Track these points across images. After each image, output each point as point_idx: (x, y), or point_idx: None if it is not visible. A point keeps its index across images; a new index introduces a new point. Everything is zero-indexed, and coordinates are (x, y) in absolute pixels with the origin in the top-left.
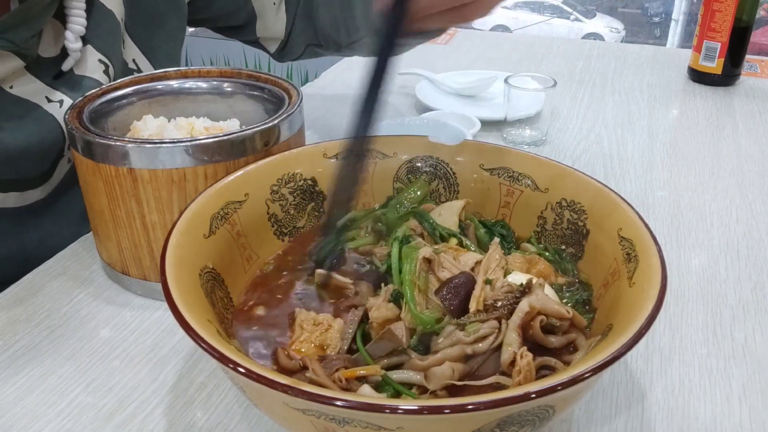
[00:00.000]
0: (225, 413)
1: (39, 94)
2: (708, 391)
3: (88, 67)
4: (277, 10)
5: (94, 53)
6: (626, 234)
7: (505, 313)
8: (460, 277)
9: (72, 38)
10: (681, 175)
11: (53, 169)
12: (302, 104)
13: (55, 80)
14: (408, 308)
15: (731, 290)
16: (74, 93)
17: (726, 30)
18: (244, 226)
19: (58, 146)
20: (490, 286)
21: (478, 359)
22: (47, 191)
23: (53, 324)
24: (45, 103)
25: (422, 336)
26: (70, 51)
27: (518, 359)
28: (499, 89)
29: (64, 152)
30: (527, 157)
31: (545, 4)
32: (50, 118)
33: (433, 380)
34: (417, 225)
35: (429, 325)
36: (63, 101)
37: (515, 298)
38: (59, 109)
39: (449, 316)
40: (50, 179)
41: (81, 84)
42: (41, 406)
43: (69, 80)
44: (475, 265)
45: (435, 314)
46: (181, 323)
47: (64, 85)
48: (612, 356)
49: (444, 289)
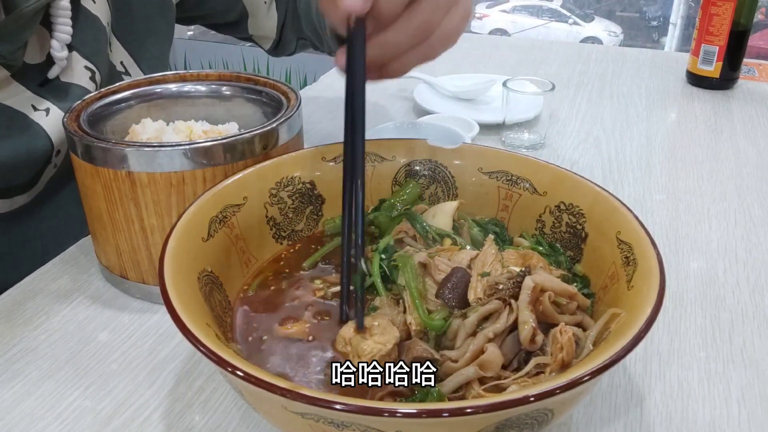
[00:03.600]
0: (223, 417)
1: (25, 103)
2: (707, 394)
3: (74, 74)
4: (269, 9)
5: (80, 60)
6: (625, 237)
7: (508, 295)
8: (455, 274)
9: (58, 47)
10: (679, 179)
11: (39, 176)
12: (301, 107)
13: (41, 88)
14: (416, 315)
15: (730, 294)
16: (61, 101)
17: (724, 34)
18: (242, 230)
19: (46, 155)
20: (488, 279)
21: (497, 341)
22: (33, 195)
23: (51, 327)
24: (31, 111)
25: (435, 338)
26: (56, 59)
27: (559, 335)
28: (497, 93)
29: (51, 159)
30: (526, 161)
31: (543, 8)
32: (37, 127)
33: (489, 368)
34: (409, 227)
35: (440, 328)
36: (50, 109)
37: (517, 281)
38: (46, 117)
39: (455, 310)
40: (36, 185)
41: (68, 92)
42: (39, 410)
43: (55, 88)
44: (471, 262)
45: (442, 314)
46: (180, 327)
47: (51, 93)
48: (611, 359)
49: (443, 290)
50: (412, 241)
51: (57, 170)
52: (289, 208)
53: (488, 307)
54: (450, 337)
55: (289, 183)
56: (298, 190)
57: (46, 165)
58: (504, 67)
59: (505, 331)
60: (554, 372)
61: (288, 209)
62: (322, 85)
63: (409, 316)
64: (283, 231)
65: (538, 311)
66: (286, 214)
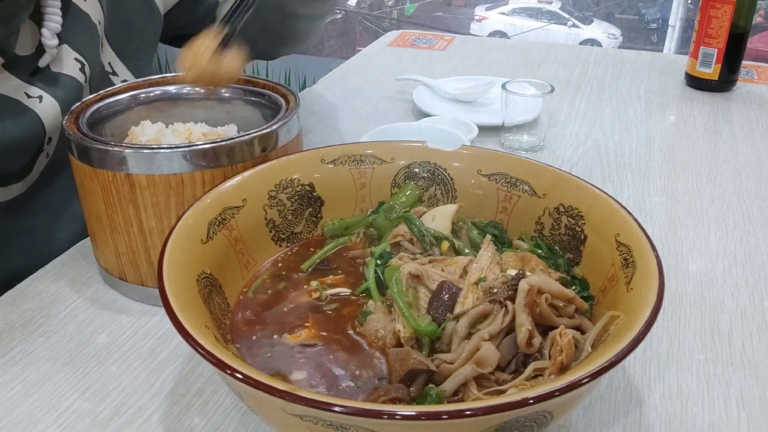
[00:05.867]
0: (222, 419)
1: (18, 90)
2: (706, 396)
3: (64, 64)
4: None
5: (70, 52)
6: (624, 239)
7: (504, 297)
8: (443, 291)
9: (48, 35)
10: (678, 181)
11: (33, 163)
12: (300, 110)
13: (32, 77)
14: (406, 324)
15: (729, 296)
16: (53, 89)
17: (723, 36)
18: (241, 232)
19: (39, 140)
20: (482, 284)
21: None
22: (27, 185)
23: (50, 330)
24: (25, 98)
25: (430, 344)
26: (46, 48)
27: (558, 338)
28: (496, 95)
29: (44, 147)
30: (525, 163)
31: (542, 10)
32: (31, 113)
33: (486, 364)
34: (407, 230)
35: (433, 333)
36: (42, 97)
37: (512, 284)
38: (39, 104)
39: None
40: (30, 173)
41: (58, 80)
42: (38, 412)
43: (46, 77)
44: (463, 272)
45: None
46: (179, 329)
47: (42, 81)
48: (610, 362)
49: (430, 308)
50: (409, 244)
51: (49, 160)
52: (288, 211)
53: (478, 309)
54: (445, 341)
55: (288, 185)
56: (297, 192)
57: (39, 152)
58: (503, 70)
59: (501, 333)
60: (553, 375)
61: (287, 211)
62: (321, 87)
63: (398, 324)
64: (282, 233)
65: (535, 314)
66: (285, 216)
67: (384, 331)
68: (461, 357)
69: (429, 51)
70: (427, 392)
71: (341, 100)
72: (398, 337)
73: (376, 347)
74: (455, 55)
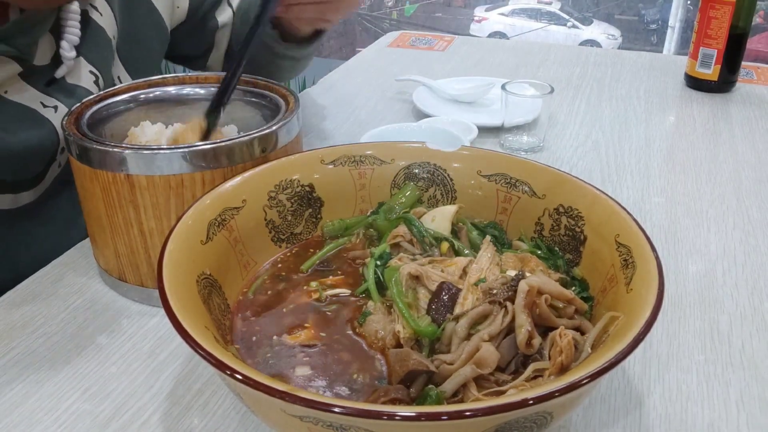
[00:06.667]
0: (222, 420)
1: (34, 99)
2: (706, 397)
3: (80, 76)
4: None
5: (85, 65)
6: (623, 240)
7: (503, 298)
8: (442, 292)
9: (67, 47)
10: (678, 182)
11: (45, 171)
12: (300, 110)
13: (48, 87)
14: (406, 325)
15: (728, 296)
16: (68, 99)
17: (722, 37)
18: (241, 233)
19: (53, 149)
20: (482, 285)
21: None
22: (38, 194)
23: (50, 331)
24: (41, 108)
25: (429, 344)
26: (64, 59)
27: (558, 339)
28: (496, 96)
29: (57, 156)
30: (525, 164)
31: (542, 11)
32: (46, 122)
33: (486, 365)
34: (406, 231)
35: (432, 334)
36: (57, 107)
37: (511, 285)
38: (54, 114)
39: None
40: (42, 182)
41: (74, 92)
42: (38, 413)
43: (62, 88)
44: (462, 273)
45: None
46: (178, 330)
47: (58, 91)
48: (610, 362)
49: (430, 308)
50: (409, 245)
51: (61, 170)
52: (287, 211)
53: (478, 310)
54: (445, 342)
55: (287, 186)
56: (296, 193)
57: (52, 161)
58: (503, 70)
59: (500, 333)
60: (553, 375)
61: (287, 212)
62: (320, 88)
63: (398, 325)
64: (282, 234)
65: (534, 315)
66: (284, 216)
67: (384, 332)
68: (461, 358)
69: (429, 52)
70: (426, 393)
71: (341, 100)
72: (398, 337)
73: (375, 348)
74: (455, 55)
